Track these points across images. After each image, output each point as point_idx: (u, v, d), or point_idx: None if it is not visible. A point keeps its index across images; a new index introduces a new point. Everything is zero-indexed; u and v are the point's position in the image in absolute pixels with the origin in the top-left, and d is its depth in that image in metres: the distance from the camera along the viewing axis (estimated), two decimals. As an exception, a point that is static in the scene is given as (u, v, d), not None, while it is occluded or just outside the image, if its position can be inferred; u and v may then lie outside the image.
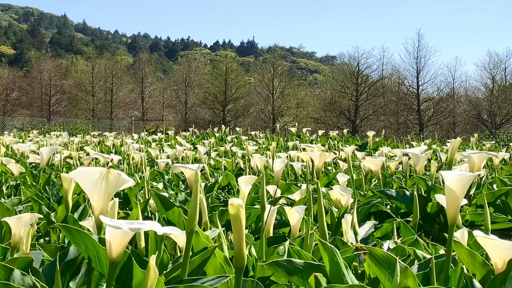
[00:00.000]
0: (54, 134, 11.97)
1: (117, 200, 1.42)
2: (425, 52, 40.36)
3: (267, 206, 1.75)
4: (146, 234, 1.55)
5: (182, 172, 3.51)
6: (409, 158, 3.36)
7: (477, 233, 1.19)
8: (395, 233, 1.88)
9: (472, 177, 1.21)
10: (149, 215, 2.17)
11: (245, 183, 1.94)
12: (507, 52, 52.11)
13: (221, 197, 2.97)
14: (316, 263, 1.24)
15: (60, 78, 47.27)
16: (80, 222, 1.79)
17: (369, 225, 2.11)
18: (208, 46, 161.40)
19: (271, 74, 43.26)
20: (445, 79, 42.44)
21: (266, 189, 2.65)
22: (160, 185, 3.40)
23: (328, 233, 1.89)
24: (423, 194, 2.58)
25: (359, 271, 1.37)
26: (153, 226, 1.00)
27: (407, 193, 2.51)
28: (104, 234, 1.16)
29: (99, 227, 1.27)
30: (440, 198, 1.80)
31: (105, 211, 1.19)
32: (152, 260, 0.99)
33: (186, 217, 1.59)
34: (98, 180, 1.14)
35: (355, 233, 1.82)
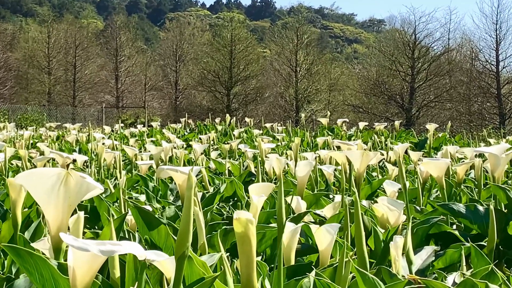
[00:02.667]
0: (-4, 126, 12.05)
1: (82, 214, 1.44)
2: (508, 15, 40.16)
3: (287, 225, 1.76)
4: (123, 260, 1.57)
5: (171, 178, 3.53)
6: (484, 161, 3.35)
7: None
8: (464, 263, 1.89)
9: None
10: (126, 236, 2.19)
11: (257, 193, 1.95)
12: None
13: (225, 212, 2.99)
14: (353, 301, 1.25)
15: (4, 50, 47.49)
16: (32, 244, 1.81)
17: (427, 251, 2.11)
18: (207, 6, 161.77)
19: (294, 45, 43.26)
20: (536, 53, 42.05)
21: (286, 202, 2.67)
22: (142, 196, 3.42)
23: (372, 262, 1.90)
24: (503, 209, 2.58)
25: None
26: (133, 248, 1.02)
27: (481, 208, 2.51)
28: (65, 258, 1.18)
29: (57, 248, 1.29)
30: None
31: (65, 227, 1.20)
32: (130, 294, 1.00)
33: (176, 238, 1.60)
34: (55, 186, 1.16)
35: (409, 262, 1.83)
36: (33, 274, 1.20)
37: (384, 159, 5.49)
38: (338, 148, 5.32)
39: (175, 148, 6.19)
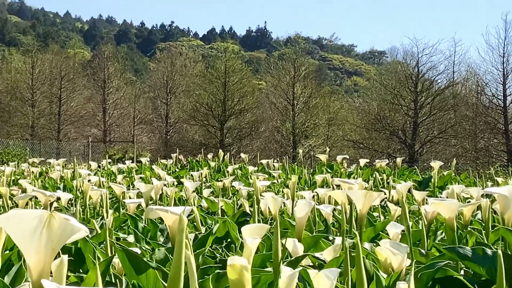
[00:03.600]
0: (-25, 161, 12.04)
1: (66, 257, 1.43)
2: (516, 48, 40.22)
3: (284, 269, 1.75)
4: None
5: (160, 218, 3.52)
6: (492, 201, 3.35)
7: None
8: (471, 311, 1.88)
9: None
10: (113, 280, 2.18)
11: (252, 235, 1.94)
12: None
13: (218, 255, 2.98)
14: None
15: (-15, 80, 47.64)
16: (12, 290, 1.79)
17: (432, 298, 2.10)
18: (200, 36, 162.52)
19: (291, 77, 43.48)
20: (545, 87, 42.21)
21: (283, 244, 2.66)
22: (130, 237, 3.40)
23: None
24: (513, 253, 2.57)
25: None
26: (119, 295, 1.01)
27: (489, 252, 2.50)
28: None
29: (39, 296, 1.28)
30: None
31: (47, 273, 1.19)
32: None
33: (165, 284, 1.58)
34: (37, 229, 1.15)
35: (413, 310, 1.82)
36: (13, 323, 1.19)
37: (386, 198, 5.49)
38: (338, 186, 5.32)
39: (165, 185, 6.18)
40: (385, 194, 5.46)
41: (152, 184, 5.24)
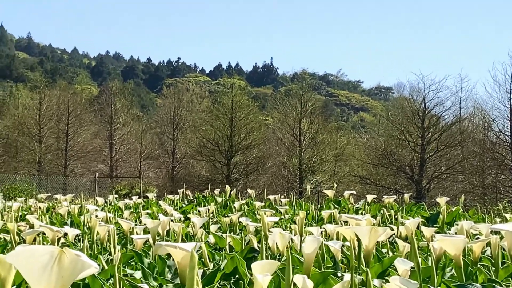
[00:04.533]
0: (-18, 197, 12.04)
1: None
2: (523, 84, 40.20)
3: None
4: None
5: (168, 254, 3.51)
6: (502, 238, 3.34)
7: None
8: None
9: None
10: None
11: (262, 271, 1.94)
12: None
13: (226, 292, 2.97)
14: None
15: (-8, 116, 47.85)
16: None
17: (443, 335, 2.09)
18: (207, 72, 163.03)
19: (298, 113, 43.57)
20: (553, 123, 42.13)
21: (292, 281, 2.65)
22: (138, 273, 3.39)
23: None
24: (523, 290, 2.56)
25: None
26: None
27: (499, 288, 2.49)
28: None
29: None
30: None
31: (58, 309, 1.19)
32: None
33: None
34: (47, 265, 1.15)
35: None
36: None
37: (394, 234, 5.47)
38: (346, 222, 5.31)
39: (172, 221, 6.17)
40: (392, 230, 5.44)
41: (159, 219, 5.23)
